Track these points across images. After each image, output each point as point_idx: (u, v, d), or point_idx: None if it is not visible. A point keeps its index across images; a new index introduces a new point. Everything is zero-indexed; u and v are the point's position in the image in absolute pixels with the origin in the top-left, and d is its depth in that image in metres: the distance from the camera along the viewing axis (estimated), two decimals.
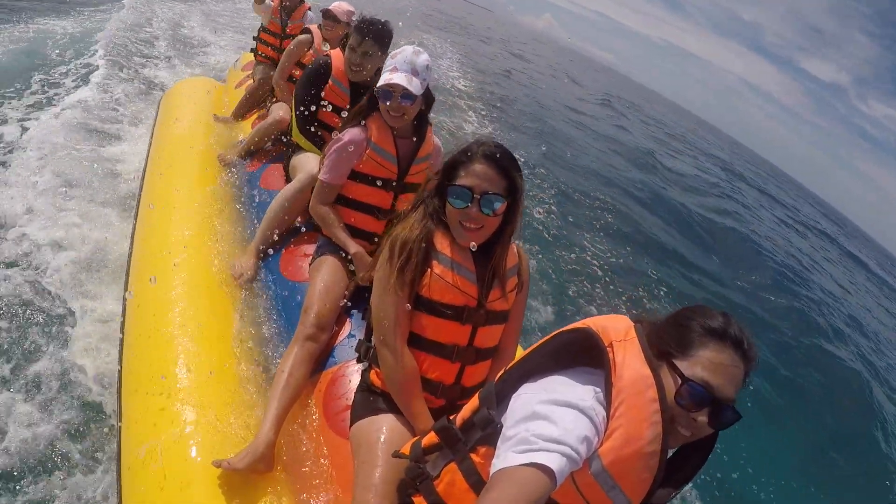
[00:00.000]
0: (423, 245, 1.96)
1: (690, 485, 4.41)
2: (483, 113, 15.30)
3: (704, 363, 1.34)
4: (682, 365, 1.35)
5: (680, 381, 1.34)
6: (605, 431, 1.31)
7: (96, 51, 8.77)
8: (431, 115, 2.96)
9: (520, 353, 1.60)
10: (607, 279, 7.98)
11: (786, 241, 20.53)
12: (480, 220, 1.93)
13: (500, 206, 1.93)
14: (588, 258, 8.45)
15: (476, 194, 1.90)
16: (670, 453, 1.47)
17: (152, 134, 4.82)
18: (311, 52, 4.47)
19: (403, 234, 1.97)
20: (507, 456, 1.23)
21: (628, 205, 13.05)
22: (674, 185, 18.49)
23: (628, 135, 25.60)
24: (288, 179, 3.58)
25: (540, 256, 7.55)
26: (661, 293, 8.66)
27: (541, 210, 8.67)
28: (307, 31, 4.59)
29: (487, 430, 1.49)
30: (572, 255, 8.24)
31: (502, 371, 1.57)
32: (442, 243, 1.99)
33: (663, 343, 1.41)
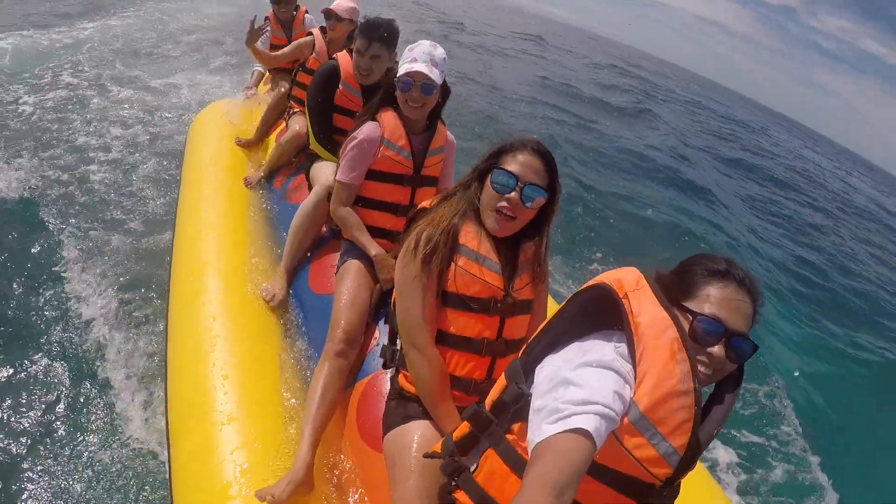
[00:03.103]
0: (449, 238, 1.94)
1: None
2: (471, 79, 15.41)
3: (711, 300, 1.39)
4: (690, 305, 1.40)
5: (691, 318, 1.38)
6: (635, 381, 1.32)
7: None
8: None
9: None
10: (611, 237, 8.24)
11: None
12: (517, 210, 1.91)
13: (539, 198, 1.91)
14: (586, 217, 8.65)
15: (521, 182, 1.89)
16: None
17: (182, 165, 4.94)
18: (314, 56, 4.42)
19: (429, 229, 1.95)
20: (541, 429, 1.24)
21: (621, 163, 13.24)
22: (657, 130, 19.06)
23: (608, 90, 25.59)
24: (311, 189, 3.50)
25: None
26: (666, 242, 8.99)
27: None
28: (310, 33, 4.56)
29: (520, 404, 1.46)
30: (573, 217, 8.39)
31: (525, 344, 1.55)
32: (467, 236, 1.97)
33: (670, 291, 1.44)
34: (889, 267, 14.07)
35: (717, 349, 1.36)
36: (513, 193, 1.90)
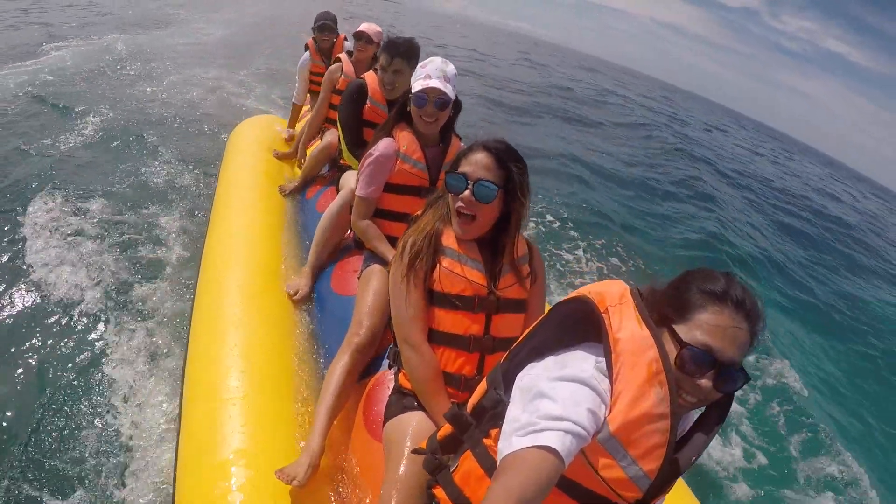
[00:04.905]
0: (432, 241, 2.05)
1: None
2: None
3: (703, 326, 1.30)
4: (680, 329, 1.32)
5: (679, 347, 1.30)
6: (611, 399, 1.28)
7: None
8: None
9: None
10: (604, 250, 8.38)
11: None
12: (474, 207, 2.01)
13: (493, 193, 2.00)
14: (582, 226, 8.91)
15: (470, 181, 1.99)
16: (688, 424, 1.42)
17: (220, 170, 5.11)
18: (342, 77, 4.68)
19: (413, 235, 2.08)
20: (511, 441, 1.22)
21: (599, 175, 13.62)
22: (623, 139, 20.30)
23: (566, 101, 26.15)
24: None
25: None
26: (659, 254, 9.15)
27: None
28: (337, 59, 4.83)
29: (498, 410, 1.47)
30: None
31: (508, 351, 1.56)
32: (449, 239, 2.08)
33: (662, 308, 1.37)
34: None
35: (704, 381, 1.29)
36: (465, 192, 2.00)
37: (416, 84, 2.80)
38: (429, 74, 2.79)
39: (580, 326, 1.41)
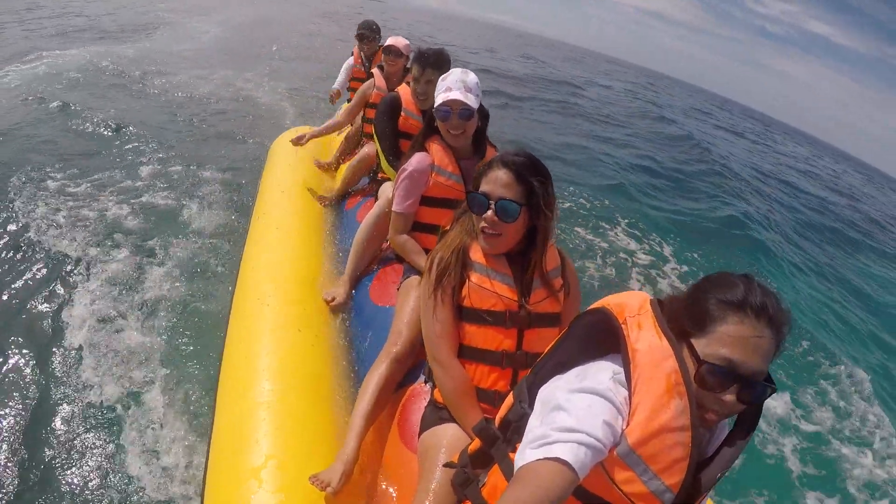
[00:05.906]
0: (460, 256, 2.01)
1: None
2: None
3: (724, 339, 1.24)
4: (700, 343, 1.27)
5: (697, 365, 1.25)
6: (630, 411, 1.25)
7: None
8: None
9: None
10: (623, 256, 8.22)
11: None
12: (499, 227, 1.95)
13: (516, 212, 1.94)
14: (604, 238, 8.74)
15: (492, 200, 1.94)
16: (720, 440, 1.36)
17: (261, 180, 5.23)
18: (376, 91, 4.84)
19: (441, 251, 2.05)
20: (524, 452, 1.21)
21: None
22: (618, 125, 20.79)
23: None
24: None
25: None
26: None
27: None
28: (370, 75, 5.02)
29: (522, 423, 1.43)
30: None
31: (534, 365, 1.54)
32: (477, 253, 2.04)
33: (681, 321, 1.32)
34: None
35: (728, 395, 1.24)
36: (489, 212, 1.95)
37: (438, 98, 2.81)
38: (449, 87, 2.80)
39: (602, 338, 1.39)
